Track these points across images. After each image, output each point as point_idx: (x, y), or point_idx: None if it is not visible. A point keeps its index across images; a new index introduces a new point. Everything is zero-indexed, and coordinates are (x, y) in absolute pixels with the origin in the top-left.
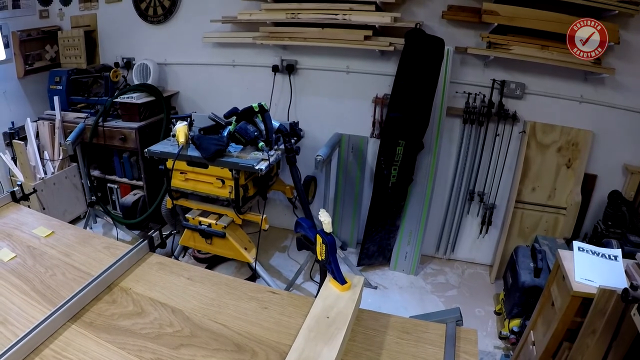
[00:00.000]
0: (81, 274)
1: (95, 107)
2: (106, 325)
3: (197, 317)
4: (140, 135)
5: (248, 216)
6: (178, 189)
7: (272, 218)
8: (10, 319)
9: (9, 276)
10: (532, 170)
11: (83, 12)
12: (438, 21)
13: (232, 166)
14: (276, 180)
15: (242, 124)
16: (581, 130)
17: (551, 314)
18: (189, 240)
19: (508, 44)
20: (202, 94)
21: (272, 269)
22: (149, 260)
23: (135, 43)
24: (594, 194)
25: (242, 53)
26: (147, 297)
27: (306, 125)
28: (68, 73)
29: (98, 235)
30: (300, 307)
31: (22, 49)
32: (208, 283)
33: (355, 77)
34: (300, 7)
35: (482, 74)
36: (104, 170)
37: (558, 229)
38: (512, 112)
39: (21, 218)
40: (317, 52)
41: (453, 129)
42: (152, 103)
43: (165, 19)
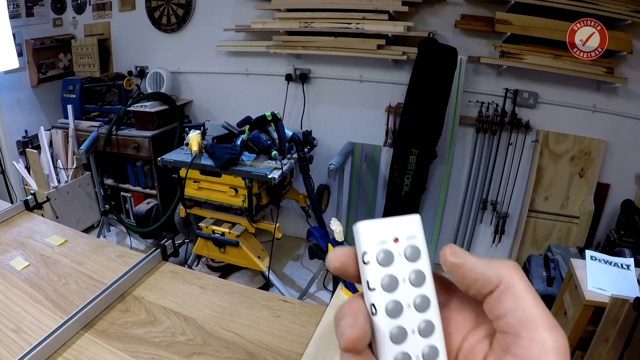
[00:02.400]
0: (94, 283)
1: (109, 115)
2: (119, 333)
3: (210, 326)
4: (153, 143)
5: (261, 225)
6: (191, 198)
7: (286, 226)
8: (24, 327)
9: (22, 284)
10: (545, 179)
11: (97, 20)
12: (451, 30)
13: (246, 175)
14: (289, 189)
15: (255, 133)
16: (594, 139)
17: (564, 322)
18: (202, 249)
19: (521, 53)
20: (215, 102)
21: (285, 277)
22: (162, 269)
23: (149, 51)
24: (606, 203)
25: (255, 62)
26: (159, 306)
27: (319, 134)
28: (81, 81)
29: (111, 243)
30: (312, 316)
31: (36, 58)
32: (220, 292)
33: (368, 86)
34: (313, 16)
35: (495, 83)
36: (118, 179)
37: (571, 238)
38: (525, 121)
39: (34, 227)
40: (330, 61)
41: (466, 138)
42: (166, 112)
43: (178, 27)
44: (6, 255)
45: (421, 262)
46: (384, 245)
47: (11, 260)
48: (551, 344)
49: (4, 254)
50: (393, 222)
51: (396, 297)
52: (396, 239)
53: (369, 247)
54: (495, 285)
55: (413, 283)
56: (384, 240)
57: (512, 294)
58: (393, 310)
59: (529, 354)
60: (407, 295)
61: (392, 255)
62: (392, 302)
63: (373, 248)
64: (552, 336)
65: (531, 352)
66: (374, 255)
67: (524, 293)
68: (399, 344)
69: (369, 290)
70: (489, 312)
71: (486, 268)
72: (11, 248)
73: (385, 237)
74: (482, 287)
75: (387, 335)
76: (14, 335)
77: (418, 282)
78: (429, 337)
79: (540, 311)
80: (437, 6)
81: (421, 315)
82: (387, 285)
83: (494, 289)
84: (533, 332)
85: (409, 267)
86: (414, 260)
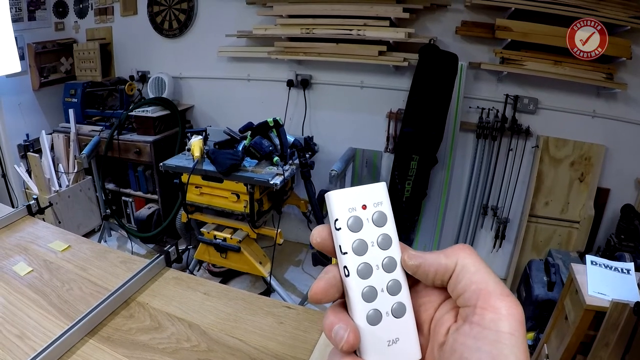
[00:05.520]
0: (98, 289)
1: (110, 120)
2: (123, 340)
3: (214, 332)
4: (155, 148)
5: (263, 230)
6: (193, 203)
7: (287, 232)
8: (28, 333)
9: (26, 290)
10: (545, 184)
11: (99, 25)
12: (452, 37)
13: (247, 181)
14: (291, 195)
15: (257, 139)
16: (594, 144)
17: (565, 327)
18: (203, 254)
19: (521, 60)
20: (217, 107)
21: (286, 282)
22: (166, 275)
23: (151, 56)
24: (606, 207)
25: (257, 67)
26: (164, 312)
27: (321, 139)
28: (83, 86)
29: (114, 249)
30: (316, 322)
31: (38, 61)
32: (224, 298)
33: (369, 92)
34: (315, 22)
35: (495, 89)
36: (119, 184)
37: (571, 243)
38: (526, 127)
39: (37, 232)
40: (331, 67)
41: (467, 144)
42: (167, 117)
43: (180, 32)
44: (9, 260)
45: (387, 227)
46: (354, 212)
47: (14, 265)
48: (504, 310)
49: (7, 259)
50: (361, 190)
51: (366, 259)
52: (364, 205)
53: (340, 214)
54: (453, 270)
55: (380, 246)
56: (353, 208)
57: (466, 272)
58: (363, 271)
59: (483, 320)
60: (375, 257)
61: (361, 221)
62: (363, 264)
63: (343, 215)
64: (504, 303)
65: (484, 319)
66: (344, 221)
67: (476, 269)
68: (370, 302)
69: (342, 254)
70: (451, 293)
71: (442, 258)
72: (14, 253)
73: (355, 204)
74: (443, 275)
75: (359, 294)
76: (18, 341)
77: (385, 245)
78: (397, 295)
79: (492, 283)
80: (437, 13)
81: (389, 275)
82: (357, 249)
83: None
84: (486, 301)
85: (377, 232)
86: (381, 225)
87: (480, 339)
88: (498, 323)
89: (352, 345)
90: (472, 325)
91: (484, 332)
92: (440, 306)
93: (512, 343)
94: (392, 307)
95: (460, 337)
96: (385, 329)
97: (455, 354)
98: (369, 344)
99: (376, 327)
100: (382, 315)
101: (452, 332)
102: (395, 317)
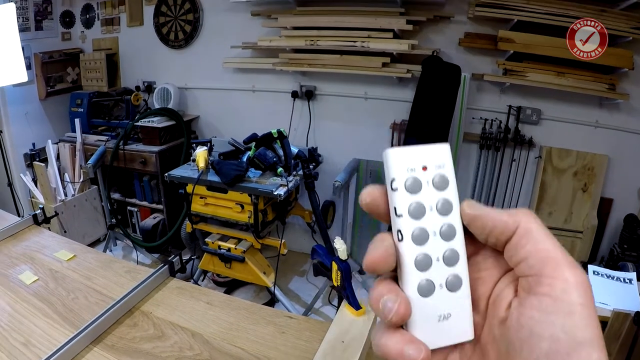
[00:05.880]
0: (103, 298)
1: (116, 130)
2: (127, 348)
3: (217, 341)
4: (160, 159)
5: (267, 241)
6: (198, 213)
7: (291, 242)
8: (34, 341)
9: (31, 298)
10: (548, 194)
11: (105, 35)
12: (455, 48)
13: (251, 191)
14: (295, 205)
15: (261, 150)
16: (597, 154)
17: None
18: (208, 264)
19: (524, 71)
20: (222, 118)
21: (290, 292)
22: (170, 284)
23: (156, 67)
24: (610, 217)
25: (261, 79)
26: (167, 321)
27: (325, 150)
28: (89, 96)
29: (119, 259)
30: (317, 332)
31: (44, 71)
32: (227, 308)
33: (373, 103)
34: (319, 34)
35: (498, 100)
36: (124, 193)
37: (575, 253)
38: (528, 137)
39: (43, 241)
40: (335, 78)
41: (470, 155)
42: (173, 127)
43: (186, 43)
44: (15, 269)
45: (449, 191)
46: (412, 173)
47: (20, 274)
48: (573, 280)
49: (13, 267)
50: (422, 150)
51: (422, 224)
52: (425, 167)
53: (398, 173)
54: (513, 231)
55: (440, 212)
56: (412, 168)
57: (531, 238)
58: (419, 237)
59: (553, 291)
60: (433, 223)
61: (420, 183)
62: (419, 229)
63: (401, 175)
64: (573, 273)
65: (554, 289)
66: (402, 182)
67: (542, 235)
68: (423, 271)
69: (396, 216)
70: (509, 259)
71: (503, 215)
72: (20, 262)
73: (414, 164)
74: (501, 233)
75: (412, 261)
76: (23, 348)
77: (445, 211)
78: (453, 266)
79: (560, 251)
80: (441, 24)
81: (447, 244)
82: (414, 212)
83: (512, 235)
84: (555, 271)
85: (437, 196)
86: (442, 189)
87: (551, 312)
88: (570, 294)
89: (403, 317)
90: (540, 297)
91: (555, 304)
92: (499, 280)
93: (585, 314)
94: (447, 279)
95: (527, 310)
96: (437, 302)
97: (523, 329)
98: (419, 318)
99: (428, 299)
100: (435, 286)
101: (515, 307)
102: (450, 290)
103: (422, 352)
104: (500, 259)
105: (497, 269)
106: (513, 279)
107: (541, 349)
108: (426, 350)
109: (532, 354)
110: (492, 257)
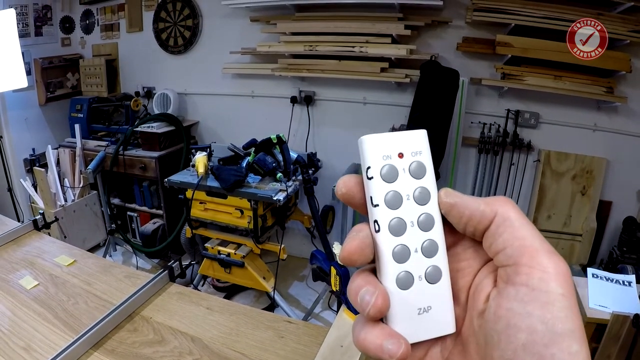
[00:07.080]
0: (103, 303)
1: (116, 135)
2: (127, 353)
3: (216, 346)
4: (160, 164)
5: (267, 246)
6: (197, 219)
7: (291, 247)
8: (34, 346)
9: (32, 303)
10: (547, 198)
11: (105, 41)
12: (453, 53)
13: (251, 197)
14: (294, 210)
15: (260, 155)
16: (595, 157)
17: None
18: (208, 270)
19: (522, 75)
20: (221, 124)
21: (290, 297)
22: (169, 290)
23: (156, 72)
24: (609, 220)
25: (261, 84)
26: (167, 326)
27: (324, 155)
28: (89, 101)
29: (119, 264)
30: (316, 336)
31: (44, 77)
32: (226, 312)
33: (371, 108)
34: (318, 39)
35: (496, 104)
36: (124, 199)
37: (574, 256)
38: (527, 141)
39: (43, 246)
40: (334, 83)
41: (469, 159)
42: (172, 132)
43: (185, 49)
44: (16, 274)
45: (426, 179)
46: (388, 160)
47: (21, 279)
48: (552, 269)
49: (13, 272)
50: (398, 136)
51: (399, 214)
52: (401, 154)
53: (373, 161)
54: (490, 220)
55: (417, 201)
56: (388, 155)
57: (508, 226)
58: (396, 227)
59: (530, 280)
60: (410, 213)
61: (397, 171)
62: (396, 219)
63: (377, 163)
64: (551, 261)
65: (532, 278)
66: (377, 170)
67: (520, 223)
68: (401, 263)
69: (372, 206)
70: (488, 249)
71: (480, 204)
72: (20, 267)
73: (390, 151)
74: (478, 222)
75: (390, 253)
76: (24, 353)
77: (422, 200)
78: (433, 257)
79: (538, 239)
80: (439, 29)
81: (425, 234)
82: (391, 202)
83: (490, 223)
84: (533, 259)
85: (414, 184)
86: (419, 177)
87: (529, 302)
88: (548, 283)
89: (381, 309)
90: (517, 287)
91: (532, 294)
92: (479, 271)
93: (564, 305)
94: (426, 271)
95: (505, 301)
96: (416, 294)
97: (501, 321)
98: (398, 311)
99: (406, 291)
100: (414, 278)
101: (493, 298)
102: (430, 282)
103: (402, 346)
104: (479, 249)
105: (477, 259)
106: (492, 269)
107: (518, 341)
108: (406, 344)
109: (509, 346)
110: (471, 247)
